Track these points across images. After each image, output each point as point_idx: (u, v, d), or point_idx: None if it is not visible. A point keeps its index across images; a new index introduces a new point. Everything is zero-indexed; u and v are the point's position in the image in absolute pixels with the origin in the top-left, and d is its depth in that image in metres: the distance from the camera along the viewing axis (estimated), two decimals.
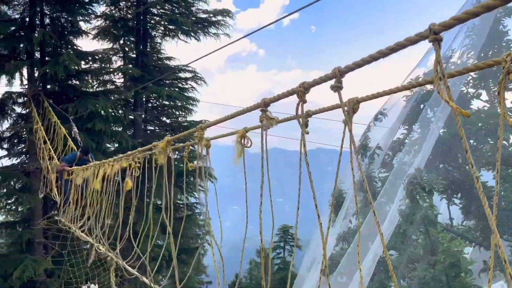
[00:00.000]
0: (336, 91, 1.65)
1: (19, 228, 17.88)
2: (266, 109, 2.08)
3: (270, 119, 2.06)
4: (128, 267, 4.69)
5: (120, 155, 5.01)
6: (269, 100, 2.06)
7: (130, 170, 4.53)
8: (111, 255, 5.19)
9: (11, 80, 16.79)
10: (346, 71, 1.62)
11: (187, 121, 21.04)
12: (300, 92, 1.82)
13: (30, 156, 16.16)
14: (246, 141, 2.40)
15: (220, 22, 19.20)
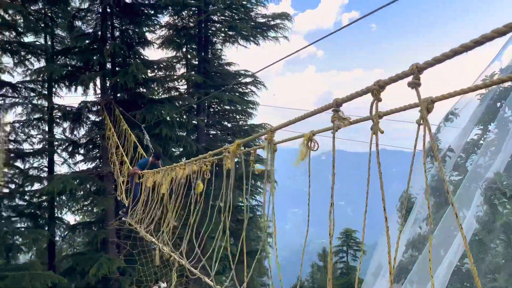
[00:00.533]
0: (413, 88, 1.57)
1: (94, 228, 19.17)
2: (339, 109, 1.99)
3: (343, 119, 1.98)
4: (191, 268, 4.82)
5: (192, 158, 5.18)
6: (341, 100, 1.97)
7: (201, 173, 4.68)
8: (174, 256, 5.37)
9: (86, 90, 18.13)
10: (425, 67, 1.51)
11: (247, 124, 21.35)
12: (375, 90, 1.72)
13: (103, 161, 17.26)
14: (312, 144, 2.34)
15: (279, 26, 19.31)
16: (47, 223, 18.93)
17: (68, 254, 23.89)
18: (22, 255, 20.58)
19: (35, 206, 18.90)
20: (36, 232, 17.42)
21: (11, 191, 18.53)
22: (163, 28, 19.75)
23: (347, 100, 1.95)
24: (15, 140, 18.84)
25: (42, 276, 14.62)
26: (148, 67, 18.02)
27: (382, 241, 10.20)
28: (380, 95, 1.73)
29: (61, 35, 19.66)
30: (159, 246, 6.12)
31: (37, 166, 19.64)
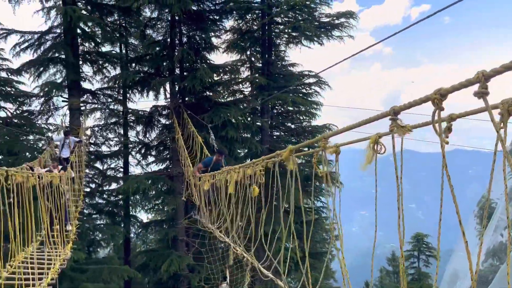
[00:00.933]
0: (481, 98, 1.43)
1: (165, 226, 20.12)
2: (396, 117, 1.89)
3: (401, 127, 1.87)
4: (263, 269, 4.87)
5: (247, 161, 5.28)
6: (399, 108, 1.87)
7: (255, 177, 4.72)
8: (247, 257, 5.45)
9: (157, 95, 19.11)
10: (492, 75, 1.38)
11: (311, 125, 21.16)
12: (436, 99, 1.60)
13: (173, 162, 18.04)
14: (379, 147, 2.25)
15: (344, 24, 18.92)
16: (123, 221, 20.21)
17: (141, 250, 25.30)
18: (101, 250, 22.16)
19: (112, 205, 20.29)
20: (114, 229, 18.66)
21: (91, 190, 20.04)
22: (228, 33, 20.23)
23: (404, 108, 1.85)
24: (94, 143, 20.36)
25: (120, 270, 15.60)
26: (214, 71, 18.55)
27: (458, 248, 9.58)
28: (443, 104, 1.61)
29: (134, 43, 20.92)
30: (232, 246, 6.23)
31: (114, 167, 21.09)
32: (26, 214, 6.39)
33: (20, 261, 6.39)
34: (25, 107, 18.40)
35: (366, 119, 2.19)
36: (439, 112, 1.63)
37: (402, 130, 1.88)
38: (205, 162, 10.12)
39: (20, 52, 17.82)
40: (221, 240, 7.57)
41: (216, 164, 9.68)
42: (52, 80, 18.39)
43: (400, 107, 1.88)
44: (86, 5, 18.63)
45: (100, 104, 20.23)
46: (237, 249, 6.00)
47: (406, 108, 1.84)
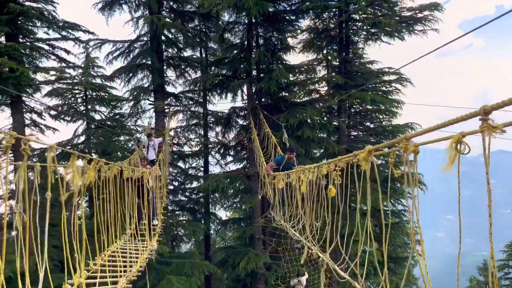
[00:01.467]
0: None
1: (243, 224, 20.61)
2: (487, 117, 1.75)
3: (493, 128, 1.72)
4: (339, 270, 4.80)
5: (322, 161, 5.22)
6: (490, 107, 1.74)
7: (331, 177, 4.65)
8: (323, 257, 5.40)
9: (235, 96, 19.69)
10: None
11: (392, 125, 20.26)
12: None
13: (250, 162, 18.43)
14: (462, 146, 2.08)
15: (427, 18, 17.83)
16: (204, 218, 21.09)
17: (220, 246, 26.19)
18: (183, 245, 23.34)
19: (194, 202, 21.29)
20: (195, 225, 19.55)
21: (175, 188, 21.22)
22: (304, 32, 20.13)
23: (497, 107, 1.71)
24: (177, 143, 21.52)
25: (200, 265, 16.30)
26: (290, 72, 18.60)
27: None
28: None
29: (213, 47, 21.76)
30: (307, 246, 6.22)
31: (195, 166, 22.14)
32: (118, 209, 6.98)
33: (112, 251, 7.02)
34: (117, 110, 20.02)
35: (453, 119, 2.04)
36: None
37: (493, 131, 1.72)
38: (277, 160, 10.09)
39: (112, 60, 19.47)
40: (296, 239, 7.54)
41: (288, 162, 9.63)
42: (140, 84, 19.85)
43: (491, 106, 1.74)
44: (170, 13, 19.79)
45: (182, 106, 21.39)
46: (311, 249, 5.96)
47: (499, 107, 1.71)
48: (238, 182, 18.60)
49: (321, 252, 5.60)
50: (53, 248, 11.38)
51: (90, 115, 18.43)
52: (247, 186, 18.33)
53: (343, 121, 18.69)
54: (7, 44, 14.29)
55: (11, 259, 3.83)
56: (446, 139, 2.16)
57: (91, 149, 18.06)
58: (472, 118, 1.90)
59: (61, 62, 17.39)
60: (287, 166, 9.60)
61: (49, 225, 3.90)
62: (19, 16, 14.98)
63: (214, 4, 16.53)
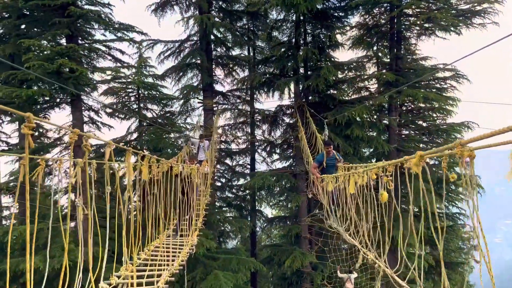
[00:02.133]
0: None
1: (288, 223, 20.58)
2: None
3: None
4: (396, 277, 4.66)
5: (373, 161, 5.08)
6: None
7: (382, 182, 4.52)
8: (379, 263, 5.27)
9: (282, 94, 19.65)
10: None
11: (447, 123, 19.36)
12: None
13: (297, 160, 18.33)
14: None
15: (487, 10, 16.84)
16: (250, 215, 21.28)
17: (266, 244, 26.30)
18: (230, 241, 23.68)
19: (240, 199, 21.52)
20: (241, 222, 19.76)
21: (222, 185, 21.56)
22: (353, 29, 19.69)
23: None
24: (225, 141, 21.85)
25: (247, 262, 16.46)
26: (338, 69, 18.28)
27: None
28: None
29: (261, 46, 21.84)
30: (362, 251, 6.09)
31: (242, 164, 22.39)
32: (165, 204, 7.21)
33: (155, 245, 7.30)
34: (167, 108, 20.64)
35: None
36: None
37: None
38: (317, 159, 9.95)
39: (164, 59, 20.08)
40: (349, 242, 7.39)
41: (329, 158, 9.46)
42: (189, 83, 20.34)
43: None
44: (219, 13, 20.08)
45: (230, 104, 21.68)
46: (368, 254, 5.80)
47: None
48: (284, 180, 18.58)
49: (377, 258, 5.46)
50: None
51: (142, 113, 19.13)
52: (293, 185, 18.27)
53: (394, 119, 18.10)
54: (68, 45, 15.12)
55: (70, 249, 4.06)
56: (506, 143, 2.00)
57: (143, 145, 18.74)
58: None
59: (116, 62, 18.16)
60: (329, 161, 9.44)
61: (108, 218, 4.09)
62: (78, 19, 15.80)
63: (263, 2, 16.59)
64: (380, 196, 4.65)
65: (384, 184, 4.43)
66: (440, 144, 19.89)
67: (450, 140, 19.15)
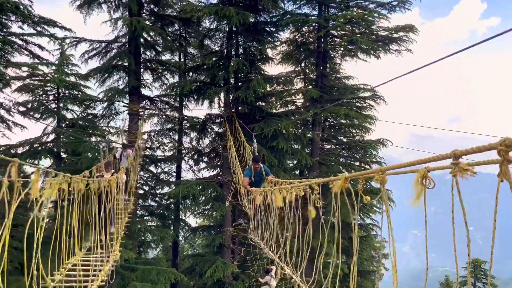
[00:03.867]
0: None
1: (212, 232, 20.47)
2: (458, 161, 1.82)
3: (464, 170, 1.78)
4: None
5: (296, 181, 5.28)
6: (460, 152, 1.82)
7: (311, 201, 4.71)
8: (295, 278, 5.40)
9: (211, 103, 19.64)
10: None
11: (364, 140, 20.71)
12: (502, 151, 1.53)
13: (224, 170, 18.38)
14: (427, 181, 2.16)
15: (402, 38, 18.43)
16: (173, 224, 20.82)
17: (189, 254, 25.88)
18: (151, 250, 22.94)
19: (164, 207, 20.99)
20: (163, 231, 19.26)
21: (145, 193, 20.88)
22: (283, 44, 20.40)
23: (467, 153, 1.79)
24: (150, 147, 21.24)
25: (167, 272, 16.03)
26: (268, 82, 18.75)
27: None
28: (510, 156, 1.51)
29: (193, 53, 21.70)
30: (280, 265, 6.20)
31: (167, 171, 21.88)
32: (79, 221, 6.70)
33: (71, 264, 6.74)
34: (90, 110, 19.61)
35: (424, 159, 2.16)
36: (506, 163, 1.55)
37: (464, 173, 1.80)
38: (246, 174, 9.98)
39: (88, 59, 19.09)
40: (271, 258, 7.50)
41: (256, 172, 9.62)
42: (115, 86, 19.51)
43: (461, 151, 1.83)
44: (150, 16, 19.62)
45: (157, 110, 21.15)
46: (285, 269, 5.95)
47: (468, 153, 1.79)
48: (210, 189, 18.50)
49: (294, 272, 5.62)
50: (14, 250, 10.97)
51: (61, 113, 17.97)
52: (219, 194, 18.25)
53: (317, 133, 18.96)
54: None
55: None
56: (414, 172, 2.26)
57: (60, 148, 17.58)
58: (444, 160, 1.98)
59: (34, 58, 16.93)
60: (257, 175, 9.59)
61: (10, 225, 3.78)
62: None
63: (196, 10, 16.53)
64: (308, 213, 4.82)
65: (313, 201, 4.63)
66: (358, 158, 21.22)
67: (366, 155, 20.51)
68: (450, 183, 2.17)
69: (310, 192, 4.64)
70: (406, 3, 18.22)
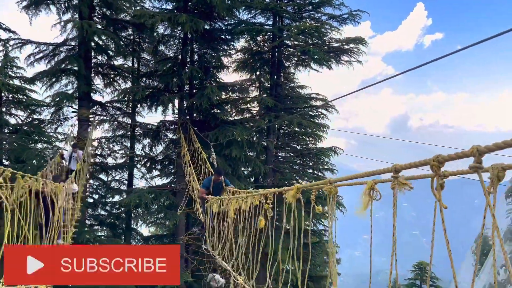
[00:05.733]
0: (475, 172, 1.53)
1: (166, 241, 20.05)
2: (398, 175, 1.98)
3: (403, 184, 1.95)
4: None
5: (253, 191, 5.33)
6: (400, 167, 1.99)
7: (263, 210, 4.79)
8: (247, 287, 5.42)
9: (165, 110, 19.34)
10: (486, 151, 1.50)
11: (317, 148, 21.21)
12: (434, 166, 1.69)
13: (178, 178, 18.12)
14: (374, 193, 2.30)
15: (353, 50, 19.15)
16: (124, 233, 20.17)
17: None
18: None
19: (114, 217, 20.29)
20: (114, 241, 18.59)
21: (94, 201, 20.11)
22: (238, 52, 20.53)
23: (405, 168, 1.96)
24: (100, 154, 20.52)
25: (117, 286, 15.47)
26: (223, 90, 18.77)
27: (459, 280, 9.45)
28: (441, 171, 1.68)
29: (146, 58, 21.28)
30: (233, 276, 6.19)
31: (118, 179, 21.19)
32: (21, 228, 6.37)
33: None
34: (36, 116, 18.68)
35: (369, 172, 2.30)
36: (438, 178, 1.71)
37: (402, 187, 1.95)
38: (204, 184, 9.88)
39: (34, 62, 18.21)
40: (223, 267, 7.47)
41: (216, 183, 9.59)
42: (63, 90, 18.70)
43: (401, 166, 2.00)
44: (102, 20, 19.06)
45: (108, 116, 20.51)
46: (238, 279, 5.96)
47: (407, 168, 1.97)
48: (163, 197, 18.15)
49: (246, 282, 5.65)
50: None
51: (4, 118, 16.99)
52: (173, 202, 17.96)
53: (271, 141, 19.19)
54: None
55: None
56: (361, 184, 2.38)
57: (3, 155, 16.59)
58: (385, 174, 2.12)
59: None
60: (216, 187, 9.55)
61: None
62: None
63: (149, 16, 16.29)
64: (258, 222, 4.88)
65: (265, 210, 4.69)
66: (311, 166, 21.69)
67: (319, 163, 21.02)
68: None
69: (264, 201, 4.71)
70: (356, 17, 18.97)
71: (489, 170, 1.56)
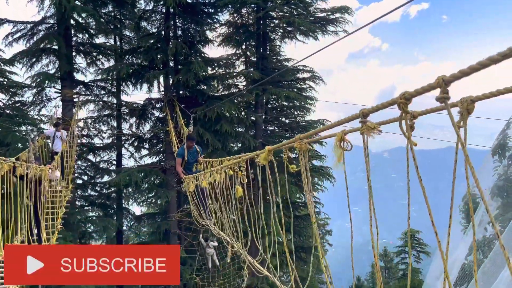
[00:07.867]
0: (443, 103, 1.49)
1: (158, 219, 20.10)
2: (366, 120, 1.96)
3: (371, 129, 1.93)
4: (258, 266, 4.89)
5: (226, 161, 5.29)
6: (367, 110, 1.96)
7: (238, 178, 4.75)
8: (244, 253, 5.47)
9: (151, 87, 19.02)
10: (452, 80, 1.46)
11: (305, 120, 21.18)
12: (401, 103, 1.66)
13: (167, 155, 18.01)
14: (345, 144, 2.29)
15: (339, 20, 18.88)
16: (116, 213, 20.16)
17: (134, 243, 25.29)
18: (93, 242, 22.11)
19: (105, 197, 20.23)
20: (106, 221, 18.60)
21: (84, 182, 19.96)
22: (223, 26, 20.11)
23: (373, 111, 1.93)
24: (87, 135, 20.24)
25: None
26: (209, 65, 18.46)
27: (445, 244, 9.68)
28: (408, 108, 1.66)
29: (129, 35, 20.76)
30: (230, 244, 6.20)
31: (107, 160, 21.00)
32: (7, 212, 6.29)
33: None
34: (18, 98, 18.24)
35: (338, 120, 2.26)
36: (405, 115, 1.68)
37: (371, 131, 1.93)
38: (178, 153, 9.68)
39: (12, 42, 17.63)
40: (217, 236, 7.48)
41: (190, 151, 9.44)
42: (44, 71, 18.22)
43: (368, 110, 1.96)
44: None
45: (93, 96, 20.11)
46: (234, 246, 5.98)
47: (374, 111, 1.93)
48: (153, 176, 18.07)
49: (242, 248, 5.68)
50: None
51: None
52: (163, 180, 17.91)
53: (260, 116, 19.07)
54: None
55: None
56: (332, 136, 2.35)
57: None
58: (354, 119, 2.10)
59: None
60: (190, 155, 9.41)
61: None
62: None
63: None
64: (235, 191, 4.85)
65: (240, 178, 4.65)
66: None
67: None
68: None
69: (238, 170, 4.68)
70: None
71: (458, 104, 1.55)
